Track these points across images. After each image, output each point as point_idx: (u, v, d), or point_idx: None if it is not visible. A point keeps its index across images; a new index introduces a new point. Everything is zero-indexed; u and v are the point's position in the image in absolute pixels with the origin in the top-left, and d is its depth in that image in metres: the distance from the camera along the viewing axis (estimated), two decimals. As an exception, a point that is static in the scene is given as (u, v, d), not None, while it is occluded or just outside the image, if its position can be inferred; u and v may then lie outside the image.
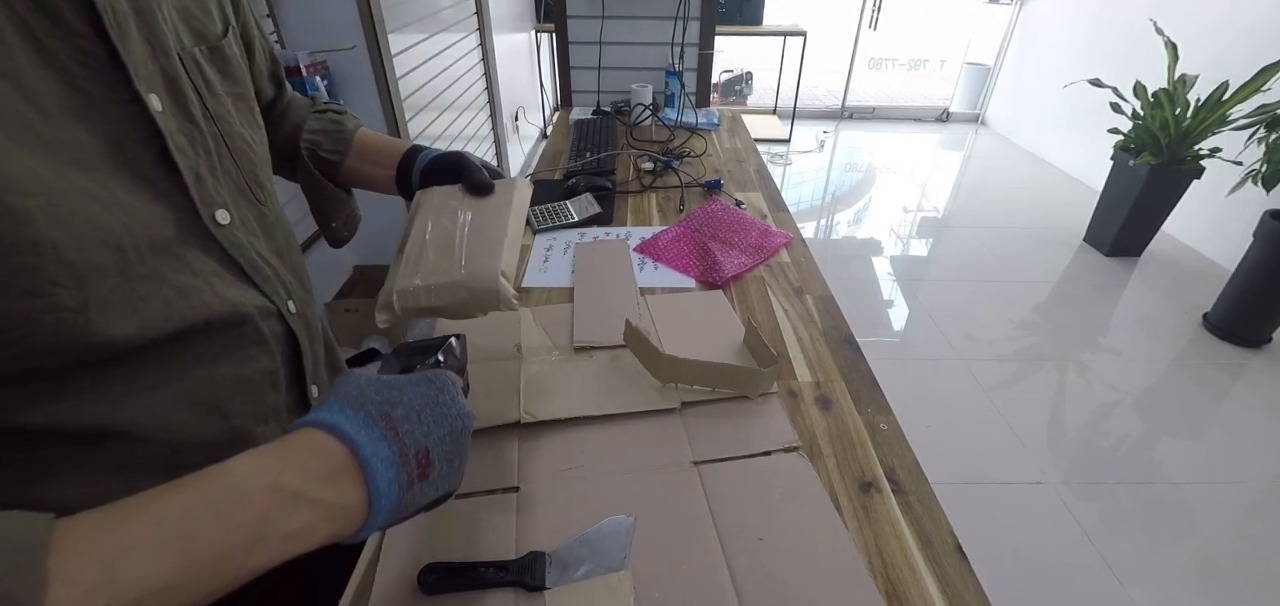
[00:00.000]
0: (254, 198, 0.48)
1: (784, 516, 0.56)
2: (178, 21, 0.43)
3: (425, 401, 0.37)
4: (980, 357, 2.20)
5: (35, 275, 0.31)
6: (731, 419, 0.68)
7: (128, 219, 0.35)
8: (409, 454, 0.35)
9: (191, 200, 0.40)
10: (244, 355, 0.45)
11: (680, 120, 1.74)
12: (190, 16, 0.44)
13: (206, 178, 0.42)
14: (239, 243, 0.44)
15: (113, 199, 0.35)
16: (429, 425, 0.36)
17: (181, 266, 0.39)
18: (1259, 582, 1.47)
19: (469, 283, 0.56)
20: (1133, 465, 1.78)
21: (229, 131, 0.46)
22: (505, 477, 0.60)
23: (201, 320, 0.40)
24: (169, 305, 0.38)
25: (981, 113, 5.02)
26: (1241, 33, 2.80)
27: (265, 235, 0.49)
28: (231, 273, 0.44)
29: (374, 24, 1.62)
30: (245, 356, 0.45)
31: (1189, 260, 2.92)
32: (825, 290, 0.95)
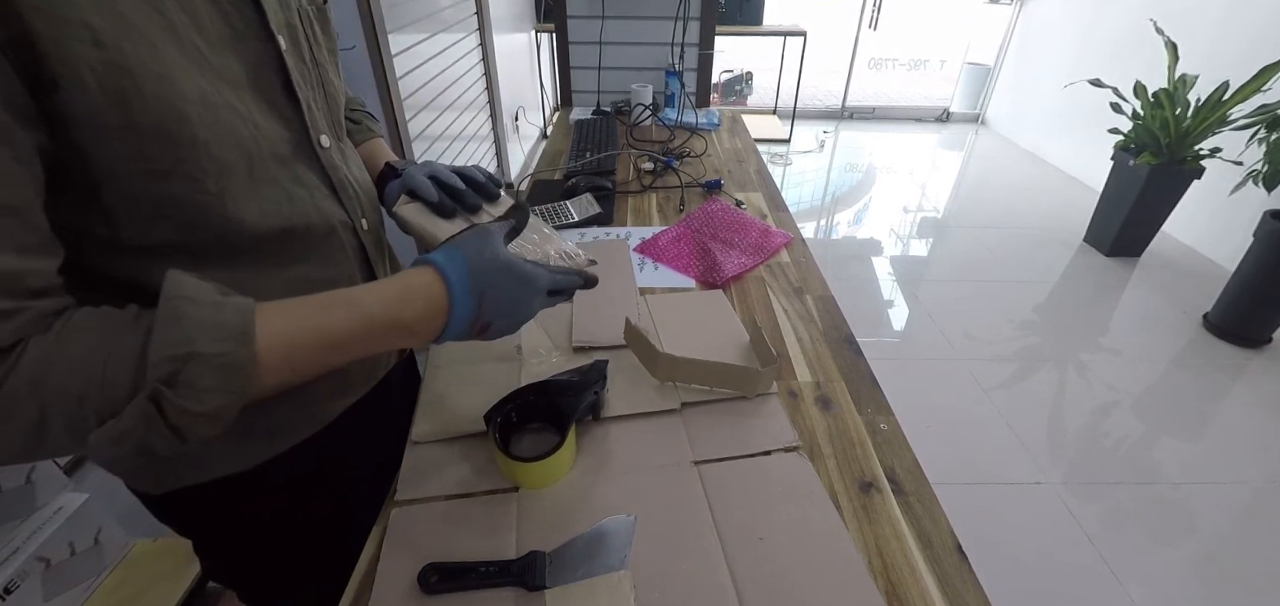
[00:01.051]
0: (339, 134, 0.57)
1: (784, 516, 0.56)
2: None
3: (508, 294, 0.49)
4: (980, 357, 2.20)
5: (191, 164, 0.40)
6: (731, 419, 0.68)
7: (257, 132, 0.45)
8: (478, 321, 0.49)
9: (305, 124, 0.50)
10: (331, 258, 0.54)
11: (680, 120, 1.74)
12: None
13: (314, 108, 0.52)
14: (334, 163, 0.54)
15: (249, 115, 0.44)
16: (502, 310, 0.49)
17: (293, 176, 0.49)
18: (1259, 582, 1.47)
19: None
20: (1133, 465, 1.78)
21: (326, 77, 0.55)
22: (505, 478, 0.60)
23: (303, 224, 0.50)
24: (281, 206, 0.48)
25: (981, 113, 5.02)
26: (1241, 33, 2.80)
27: (347, 163, 0.58)
28: (326, 187, 0.53)
29: (374, 24, 1.62)
30: (332, 260, 0.54)
31: (1189, 260, 2.91)
32: (825, 290, 0.95)
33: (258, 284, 0.47)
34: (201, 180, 0.41)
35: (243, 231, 0.45)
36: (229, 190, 0.43)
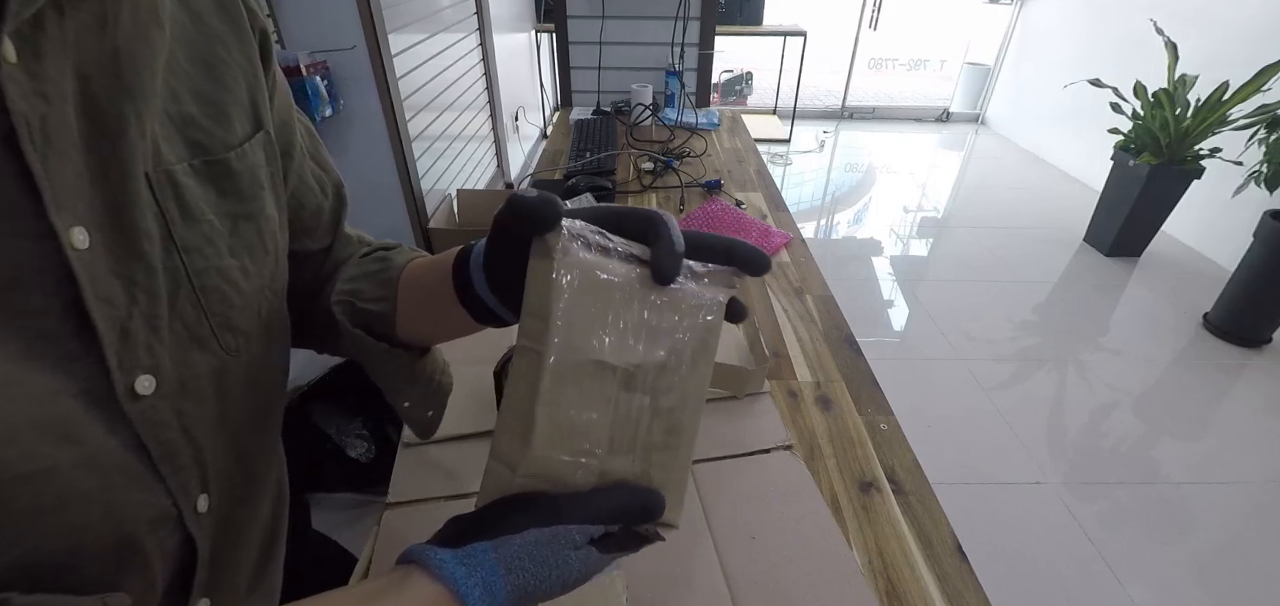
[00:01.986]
0: (219, 347, 0.38)
1: (776, 514, 0.56)
2: (165, 129, 0.34)
3: (561, 583, 0.32)
4: (980, 357, 2.20)
5: None
6: (725, 418, 0.67)
7: (4, 394, 0.26)
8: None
9: (105, 366, 0.30)
10: (106, 582, 0.33)
11: (680, 120, 1.74)
12: (190, 124, 0.36)
13: (137, 332, 0.32)
14: (158, 418, 0.34)
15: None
16: (549, 595, 0.32)
17: (83, 458, 0.30)
18: (1259, 582, 1.46)
19: None
20: (1133, 465, 1.77)
21: (201, 266, 0.36)
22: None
23: (63, 548, 0.29)
24: (32, 520, 0.28)
25: (981, 113, 5.02)
26: (1241, 33, 2.80)
27: (217, 395, 0.38)
28: (139, 462, 0.33)
29: (374, 24, 1.62)
30: (113, 585, 0.33)
31: (1189, 260, 2.91)
32: (825, 290, 0.95)
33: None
34: None
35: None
36: None
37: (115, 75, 0.30)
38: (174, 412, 0.35)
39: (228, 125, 0.38)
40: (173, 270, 0.34)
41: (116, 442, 0.32)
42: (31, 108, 0.26)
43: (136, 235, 0.31)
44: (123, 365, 0.31)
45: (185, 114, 0.35)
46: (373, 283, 0.48)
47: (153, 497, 0.34)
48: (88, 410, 0.30)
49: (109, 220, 0.30)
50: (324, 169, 0.50)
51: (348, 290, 0.49)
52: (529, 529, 0.32)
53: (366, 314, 0.48)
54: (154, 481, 0.34)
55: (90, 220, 0.29)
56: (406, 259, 0.50)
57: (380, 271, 0.49)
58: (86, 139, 0.29)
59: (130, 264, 0.31)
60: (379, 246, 0.53)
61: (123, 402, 0.31)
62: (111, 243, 0.30)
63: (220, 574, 0.42)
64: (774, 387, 0.73)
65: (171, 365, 0.34)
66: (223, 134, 0.37)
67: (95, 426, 0.30)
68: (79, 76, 0.29)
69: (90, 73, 0.29)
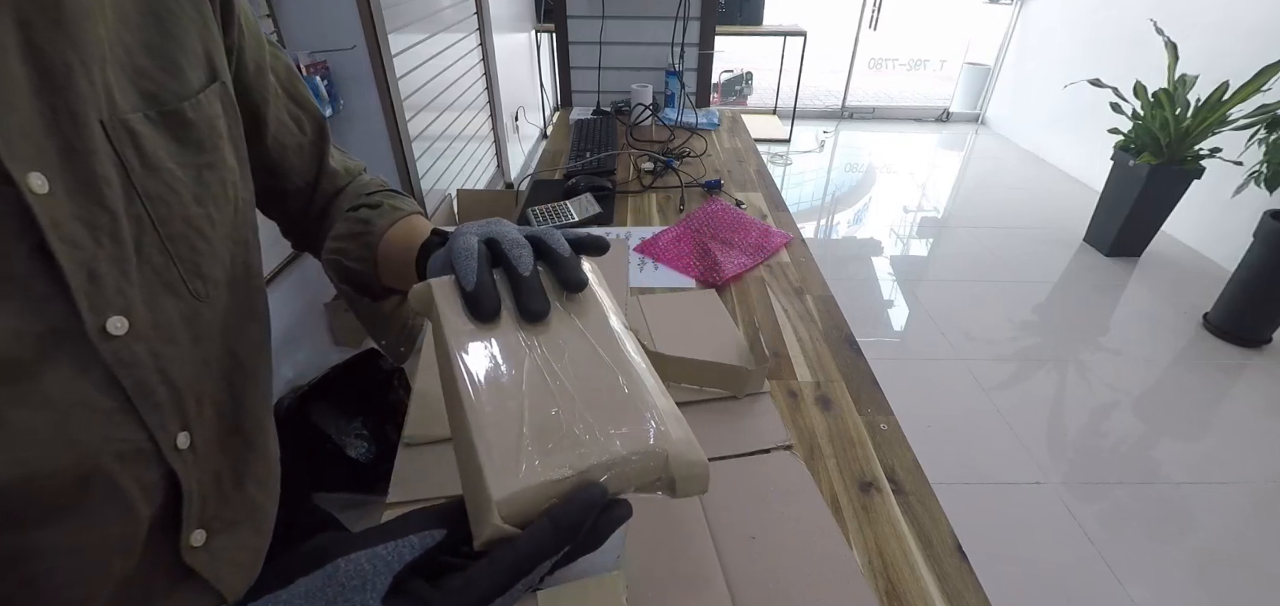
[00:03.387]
0: (189, 292, 0.39)
1: (776, 514, 0.56)
2: (118, 80, 0.34)
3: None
4: (980, 357, 2.20)
5: None
6: (725, 418, 0.67)
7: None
8: None
9: (75, 307, 0.31)
10: (94, 513, 0.34)
11: (680, 120, 1.74)
12: (143, 75, 0.36)
13: (106, 274, 0.33)
14: (133, 358, 0.34)
15: None
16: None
17: (34, 395, 0.30)
18: (1259, 582, 1.46)
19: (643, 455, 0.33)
20: (1133, 465, 1.77)
21: (166, 213, 0.36)
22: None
23: (44, 471, 0.31)
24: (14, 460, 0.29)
25: (981, 113, 5.02)
26: (1241, 33, 2.80)
27: (194, 343, 0.39)
28: (111, 398, 0.34)
29: (374, 24, 1.62)
30: (94, 515, 0.34)
31: (1189, 260, 2.91)
32: (825, 290, 0.95)
33: None
34: None
35: None
36: None
37: (57, 23, 0.30)
38: (149, 353, 0.36)
39: (180, 76, 0.38)
40: (136, 216, 0.35)
41: (86, 382, 0.32)
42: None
43: (96, 181, 0.32)
44: (93, 305, 0.32)
45: (137, 65, 0.36)
46: (356, 244, 0.53)
47: (124, 432, 0.35)
48: (54, 349, 0.31)
49: (67, 166, 0.31)
50: (302, 106, 0.53)
51: (336, 249, 0.54)
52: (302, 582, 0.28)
53: (351, 272, 0.53)
54: (127, 417, 0.35)
55: (47, 166, 0.30)
56: (388, 222, 0.54)
57: (362, 234, 0.54)
58: (33, 86, 0.30)
59: (92, 209, 0.32)
60: (363, 202, 0.56)
61: (94, 341, 0.32)
62: (72, 188, 0.31)
63: (217, 508, 0.44)
64: (774, 387, 0.73)
65: (144, 308, 0.35)
66: (175, 85, 0.38)
67: (61, 363, 0.31)
68: (19, 24, 0.29)
69: (31, 19, 0.29)
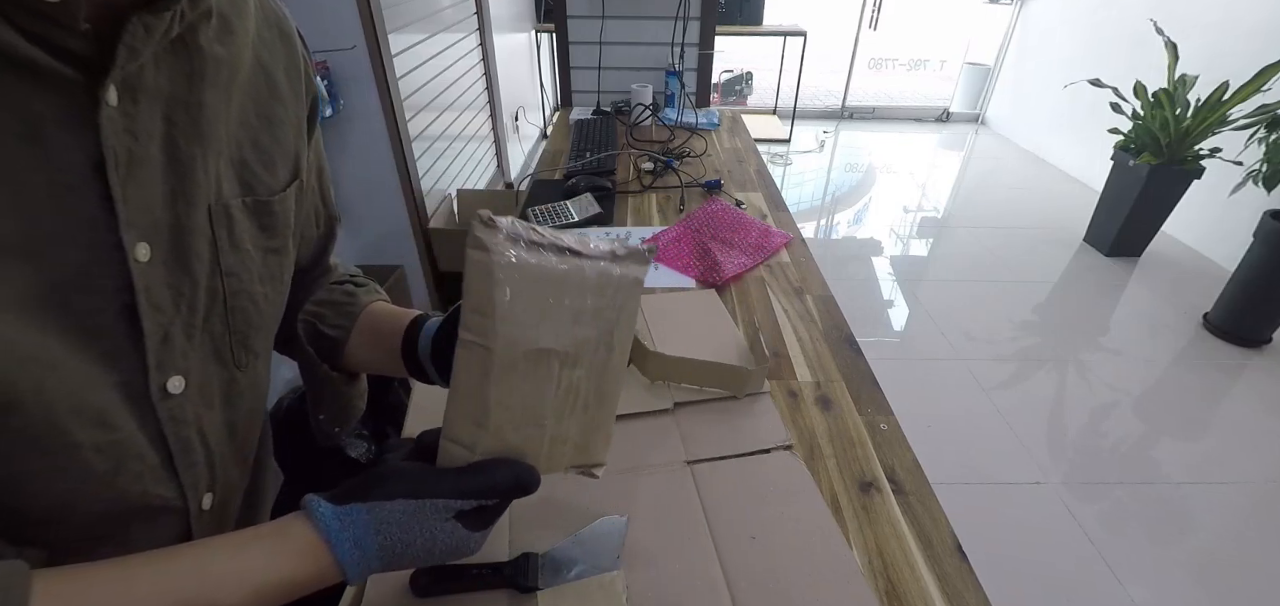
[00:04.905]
0: (233, 361, 0.42)
1: (776, 515, 0.56)
2: (226, 170, 0.38)
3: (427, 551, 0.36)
4: (980, 357, 2.20)
5: None
6: (725, 418, 0.67)
7: (50, 377, 0.29)
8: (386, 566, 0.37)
9: (145, 364, 0.34)
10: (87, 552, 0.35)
11: (680, 120, 1.73)
12: (246, 167, 0.40)
13: (176, 337, 0.36)
14: (184, 416, 0.38)
15: (38, 352, 0.29)
16: (415, 557, 0.37)
17: (106, 443, 0.33)
18: (1259, 582, 1.46)
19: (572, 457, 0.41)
20: (1133, 465, 1.77)
21: (236, 288, 0.40)
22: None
23: (75, 511, 0.34)
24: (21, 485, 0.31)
25: (981, 113, 5.01)
26: (1241, 33, 2.80)
27: (225, 406, 0.43)
28: (157, 453, 0.37)
29: (374, 24, 1.62)
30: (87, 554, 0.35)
31: (1189, 260, 2.91)
32: (825, 290, 0.94)
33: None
34: None
35: None
36: None
37: (194, 123, 0.35)
38: (194, 414, 0.39)
39: (274, 172, 0.43)
40: (213, 289, 0.39)
41: (143, 436, 0.36)
42: (121, 143, 0.31)
43: (190, 256, 0.36)
44: (160, 364, 0.35)
45: (243, 158, 0.40)
46: (336, 312, 0.55)
47: (163, 490, 0.38)
48: (124, 402, 0.34)
49: (170, 240, 0.35)
50: (325, 204, 0.56)
51: (313, 312, 0.55)
52: (399, 498, 0.35)
53: (323, 337, 0.54)
54: (167, 476, 0.38)
55: (155, 239, 0.34)
56: (370, 299, 0.56)
57: (345, 304, 0.55)
58: (163, 172, 0.34)
59: (181, 278, 0.36)
60: (349, 279, 0.58)
61: (154, 399, 0.36)
62: (169, 259, 0.35)
63: None
64: (774, 387, 0.73)
65: (197, 372, 0.39)
66: (269, 179, 0.42)
67: (127, 417, 0.35)
68: (165, 118, 0.33)
69: (175, 117, 0.34)
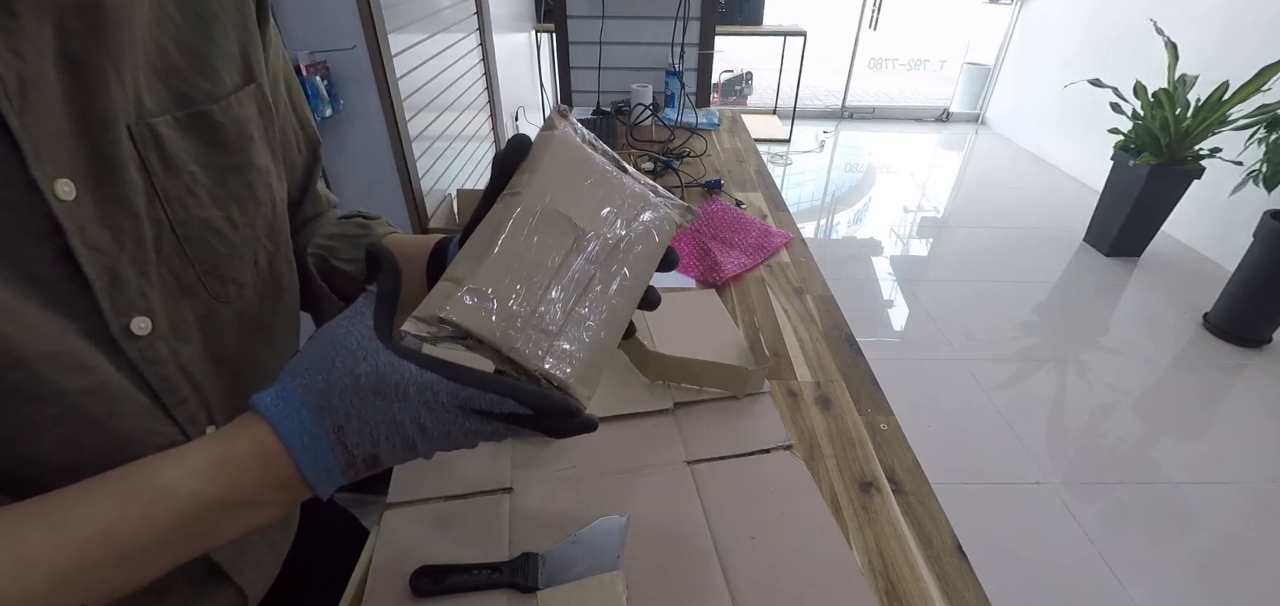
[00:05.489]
0: (207, 293, 0.39)
1: (777, 515, 0.56)
2: (149, 81, 0.34)
3: (386, 419, 0.31)
4: (980, 357, 2.20)
5: None
6: (725, 418, 0.67)
7: (8, 326, 0.28)
8: (356, 459, 0.32)
9: (99, 308, 0.32)
10: None
11: (680, 120, 1.73)
12: (176, 75, 0.36)
13: (128, 277, 0.34)
14: (157, 356, 0.36)
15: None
16: (381, 441, 0.32)
17: (93, 386, 0.32)
18: (1259, 582, 1.46)
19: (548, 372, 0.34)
20: (1133, 465, 1.77)
21: (183, 215, 0.37)
22: (498, 479, 0.60)
23: (88, 458, 0.33)
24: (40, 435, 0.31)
25: (981, 113, 5.01)
26: (1241, 33, 2.80)
27: (207, 341, 0.40)
28: (144, 395, 0.36)
29: (374, 24, 1.62)
30: None
31: (1189, 260, 2.91)
32: (825, 290, 0.94)
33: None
34: None
35: None
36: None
37: (95, 28, 0.30)
38: (170, 352, 0.37)
39: (215, 77, 0.38)
40: (156, 219, 0.35)
41: (123, 377, 0.34)
42: (6, 67, 0.27)
43: (121, 185, 0.33)
44: (116, 307, 0.33)
45: (171, 65, 0.36)
46: (349, 244, 0.52)
47: (163, 428, 0.37)
48: (91, 346, 0.32)
49: (93, 171, 0.31)
50: (302, 124, 0.52)
51: (325, 245, 0.51)
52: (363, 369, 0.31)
53: (338, 272, 0.51)
54: (159, 413, 0.37)
55: (75, 172, 0.30)
56: (385, 231, 0.54)
57: (359, 236, 0.52)
58: (65, 91, 0.30)
59: (116, 213, 0.33)
60: (357, 213, 0.55)
61: (120, 342, 0.34)
62: (98, 193, 0.32)
63: None
64: (774, 387, 0.73)
65: (163, 309, 0.36)
66: (208, 85, 0.38)
67: (102, 360, 0.33)
68: (58, 31, 0.29)
69: (69, 26, 0.30)
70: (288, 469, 0.31)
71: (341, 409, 0.31)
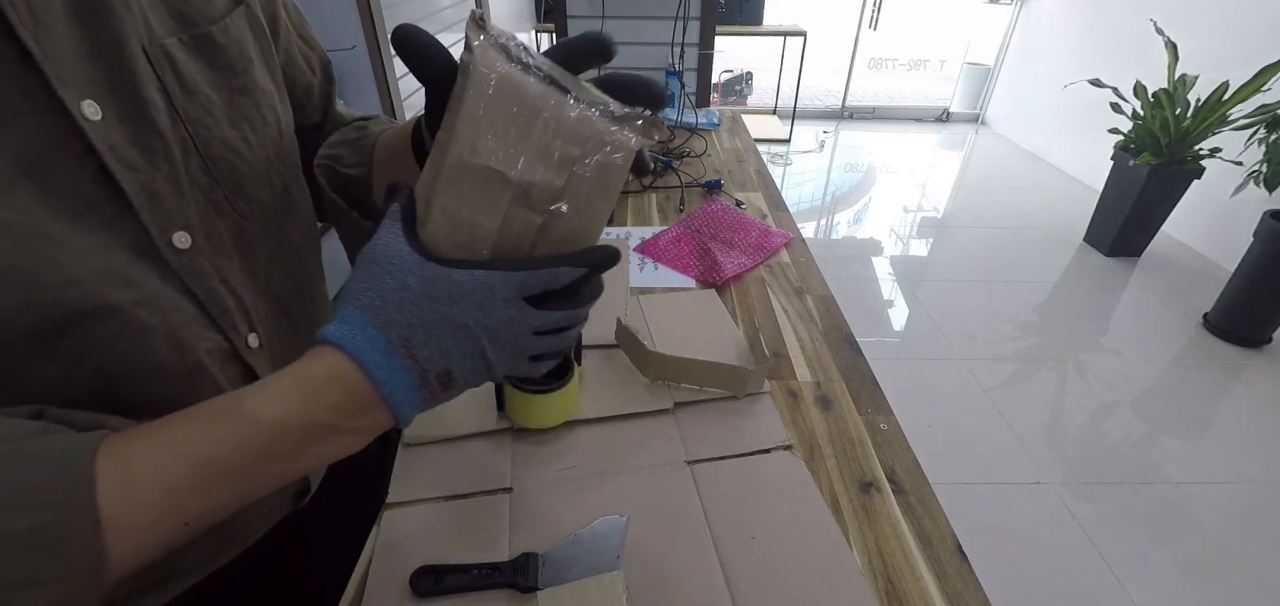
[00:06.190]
0: (233, 210, 0.42)
1: (776, 515, 0.56)
2: (152, 4, 0.36)
3: (453, 326, 0.32)
4: (980, 357, 2.20)
5: None
6: (725, 418, 0.67)
7: (55, 250, 0.30)
8: (430, 377, 0.32)
9: (142, 223, 0.35)
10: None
11: (680, 120, 1.73)
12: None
13: (164, 194, 0.36)
14: (199, 269, 0.39)
15: (31, 225, 0.29)
16: (450, 351, 0.32)
17: (142, 298, 0.35)
18: (1259, 582, 1.46)
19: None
20: (1133, 465, 1.77)
21: (206, 135, 0.39)
22: (498, 479, 0.60)
23: (134, 370, 0.35)
24: (110, 345, 0.34)
25: (981, 113, 5.01)
26: (1241, 33, 2.80)
27: (242, 256, 0.43)
28: (192, 305, 0.39)
29: (374, 24, 1.62)
30: None
31: (1189, 260, 2.91)
32: (825, 290, 0.94)
33: None
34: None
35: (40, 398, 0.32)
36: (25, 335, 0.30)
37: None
38: (212, 265, 0.40)
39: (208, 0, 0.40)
40: (182, 140, 0.38)
41: (169, 288, 0.37)
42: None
43: (143, 105, 0.35)
44: (158, 222, 0.36)
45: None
46: (352, 149, 0.53)
47: (208, 335, 0.40)
48: (137, 261, 0.35)
49: (116, 94, 0.33)
50: (310, 46, 0.53)
51: (329, 156, 0.53)
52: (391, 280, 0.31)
53: (345, 178, 0.52)
54: (207, 322, 0.40)
55: (97, 93, 0.32)
56: (382, 128, 0.54)
57: (359, 139, 0.53)
58: (74, 15, 0.32)
59: (145, 133, 0.35)
60: (356, 118, 0.57)
61: (165, 255, 0.36)
62: (123, 114, 0.34)
63: None
64: (774, 387, 0.73)
65: (200, 224, 0.39)
66: (203, 6, 0.39)
67: (148, 273, 0.35)
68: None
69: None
70: (364, 390, 0.31)
71: (403, 321, 0.31)
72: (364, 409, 0.32)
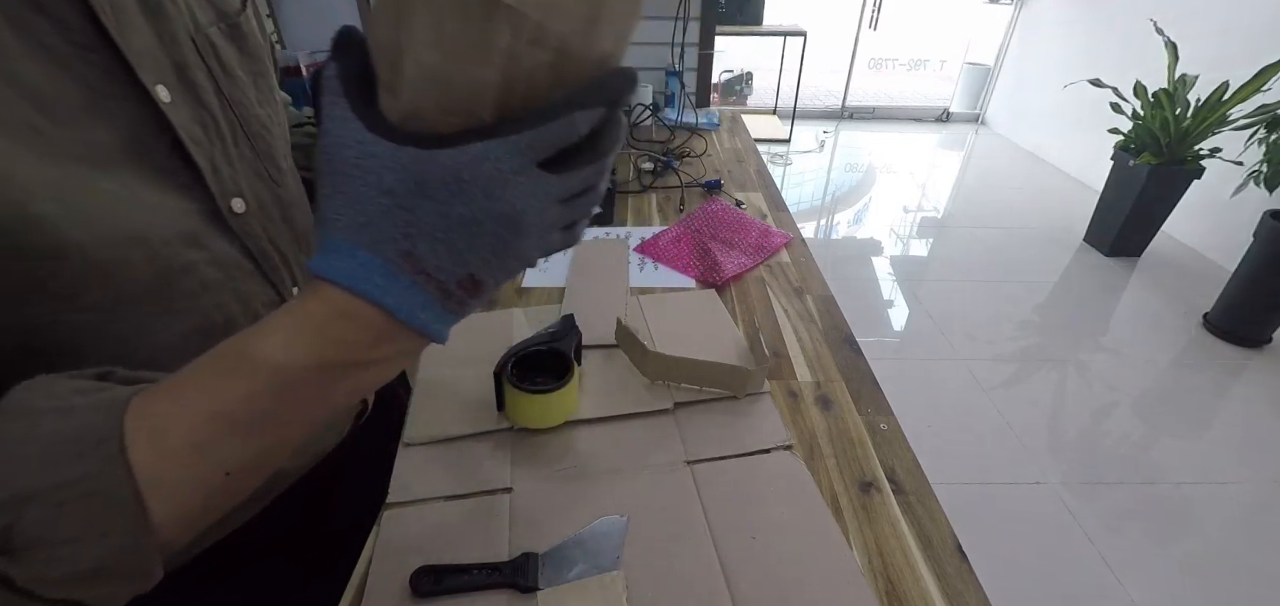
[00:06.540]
0: (271, 179, 0.48)
1: (777, 515, 0.56)
2: (194, 1, 0.42)
3: (455, 225, 0.26)
4: (980, 357, 2.20)
5: (61, 279, 0.33)
6: (725, 418, 0.67)
7: (152, 214, 0.37)
8: (451, 286, 0.27)
9: (209, 191, 0.41)
10: None
11: (680, 120, 1.73)
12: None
13: (222, 166, 0.42)
14: (253, 231, 0.45)
15: (133, 196, 0.36)
16: (463, 251, 0.26)
17: (211, 258, 0.41)
18: (1259, 582, 1.46)
19: None
20: (1133, 465, 1.77)
21: (246, 114, 0.45)
22: (497, 479, 0.60)
23: (222, 320, 0.42)
24: (198, 301, 0.40)
25: (981, 113, 5.02)
26: (1241, 33, 2.80)
27: (283, 219, 0.49)
28: (249, 262, 0.45)
29: (373, 23, 1.62)
30: None
31: (1189, 260, 2.91)
32: (825, 290, 0.94)
33: None
34: (81, 296, 0.33)
35: (154, 352, 0.37)
36: (125, 296, 0.35)
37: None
38: (262, 227, 0.46)
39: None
40: (228, 118, 0.44)
41: (233, 250, 0.43)
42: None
43: (197, 89, 0.41)
44: (221, 190, 0.42)
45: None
46: (306, 155, 0.59)
47: (264, 290, 0.46)
48: (207, 224, 0.41)
49: (179, 78, 0.39)
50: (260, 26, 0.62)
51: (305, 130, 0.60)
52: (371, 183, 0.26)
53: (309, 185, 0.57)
54: (261, 279, 0.46)
55: (165, 78, 0.38)
56: None
57: (311, 145, 0.60)
58: (143, 10, 0.37)
59: (202, 113, 0.41)
60: (306, 120, 0.65)
61: (227, 219, 0.43)
62: (185, 96, 0.40)
63: None
64: (774, 387, 0.73)
65: (250, 191, 0.45)
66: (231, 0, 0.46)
67: (215, 235, 0.42)
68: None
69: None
70: (377, 320, 0.27)
71: (396, 233, 0.26)
72: (382, 338, 0.28)
